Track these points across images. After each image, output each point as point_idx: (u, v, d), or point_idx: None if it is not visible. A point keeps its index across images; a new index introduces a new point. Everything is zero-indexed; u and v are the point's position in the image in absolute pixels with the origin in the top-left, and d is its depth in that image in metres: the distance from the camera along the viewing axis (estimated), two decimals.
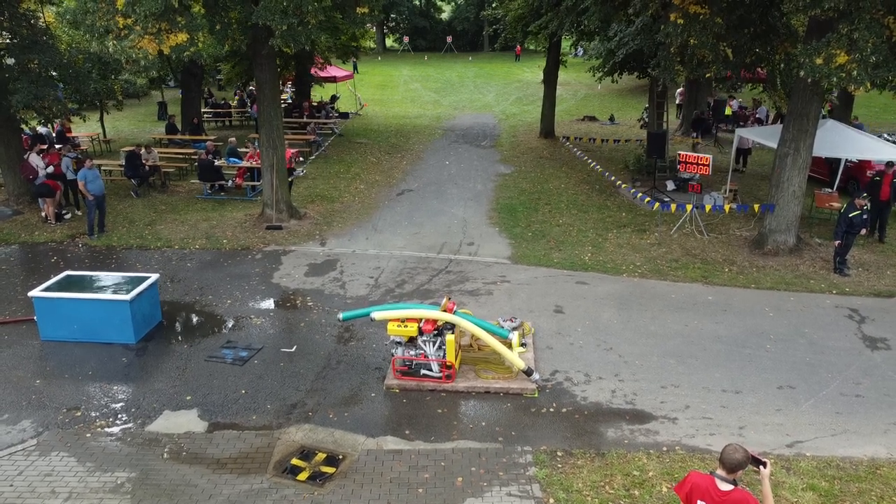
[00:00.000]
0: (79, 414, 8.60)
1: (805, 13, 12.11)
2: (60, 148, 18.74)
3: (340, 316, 9.92)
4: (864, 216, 12.97)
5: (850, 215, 12.96)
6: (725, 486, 4.80)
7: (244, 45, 14.60)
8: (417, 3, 70.49)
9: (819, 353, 10.17)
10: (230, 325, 11.12)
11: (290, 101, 31.95)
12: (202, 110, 28.68)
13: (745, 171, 21.58)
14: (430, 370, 9.17)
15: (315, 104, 30.87)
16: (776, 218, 14.06)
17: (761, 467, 4.91)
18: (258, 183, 17.86)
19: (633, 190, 18.55)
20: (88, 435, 8.18)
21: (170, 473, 7.50)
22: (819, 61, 11.18)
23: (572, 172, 21.58)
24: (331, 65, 31.96)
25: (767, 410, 8.74)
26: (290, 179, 17.07)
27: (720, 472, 4.86)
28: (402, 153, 24.47)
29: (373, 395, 9.06)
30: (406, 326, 9.01)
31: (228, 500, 7.09)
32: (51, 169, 16.23)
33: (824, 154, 15.55)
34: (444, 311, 9.16)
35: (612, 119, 31.86)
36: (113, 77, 19.83)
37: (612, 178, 19.74)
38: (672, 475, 7.40)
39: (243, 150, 20.99)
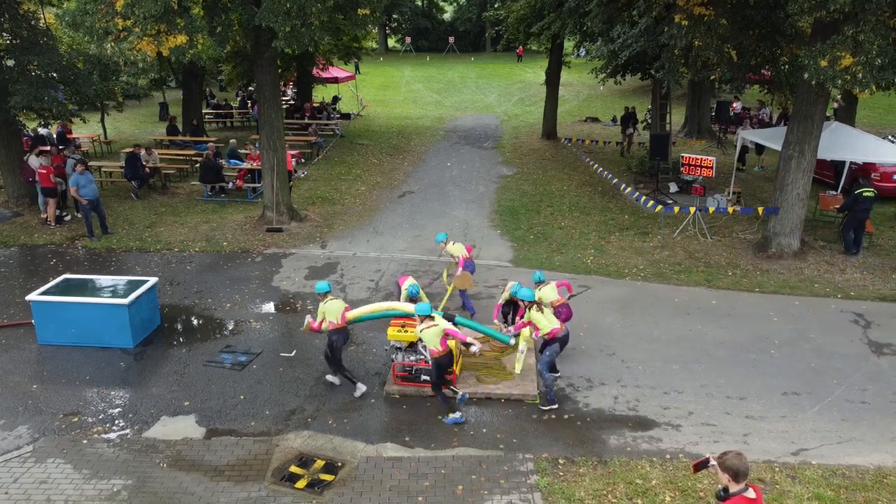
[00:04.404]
0: (76, 420, 8.52)
1: (810, 15, 11.99)
2: (63, 149, 18.68)
3: None
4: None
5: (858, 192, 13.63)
6: (751, 494, 4.58)
7: (247, 46, 14.50)
8: (420, 3, 70.43)
9: (824, 359, 10.06)
10: (229, 329, 11.03)
11: (291, 102, 31.88)
12: (203, 111, 28.60)
13: (744, 169, 21.44)
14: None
15: (316, 105, 30.79)
16: (780, 221, 13.94)
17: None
18: (259, 185, 17.77)
19: (636, 193, 18.43)
20: (85, 441, 8.10)
21: (167, 481, 7.41)
22: (824, 63, 11.08)
23: (574, 174, 21.48)
24: (332, 65, 31.88)
25: (772, 417, 8.63)
26: (290, 181, 16.98)
27: (736, 486, 4.58)
28: (404, 154, 24.38)
29: (372, 400, 8.97)
30: (406, 331, 8.92)
31: None
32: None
33: (829, 156, 15.41)
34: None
35: (614, 120, 31.70)
36: (114, 79, 19.75)
37: (615, 180, 19.63)
38: (675, 483, 7.30)
39: (244, 151, 20.92)
